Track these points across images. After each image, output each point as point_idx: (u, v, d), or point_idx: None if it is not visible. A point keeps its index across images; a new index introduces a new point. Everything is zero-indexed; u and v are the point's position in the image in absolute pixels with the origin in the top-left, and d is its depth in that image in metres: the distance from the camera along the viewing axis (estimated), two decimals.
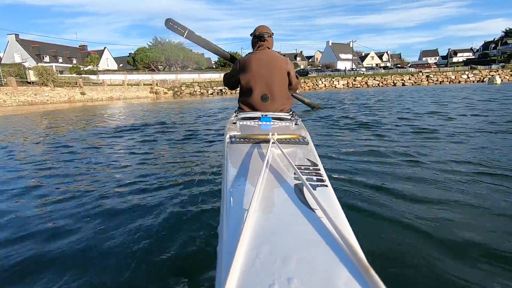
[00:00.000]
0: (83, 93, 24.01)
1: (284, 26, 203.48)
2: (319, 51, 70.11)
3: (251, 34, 2.20)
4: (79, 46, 52.57)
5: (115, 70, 41.81)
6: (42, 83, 21.56)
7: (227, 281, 0.37)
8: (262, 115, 1.81)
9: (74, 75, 29.68)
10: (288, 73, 2.07)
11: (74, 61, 45.77)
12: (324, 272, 0.41)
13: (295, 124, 1.66)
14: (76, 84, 24.46)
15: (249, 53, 2.18)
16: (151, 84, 31.72)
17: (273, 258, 0.44)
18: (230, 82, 2.24)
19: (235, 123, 1.67)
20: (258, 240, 0.49)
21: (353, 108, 7.00)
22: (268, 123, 1.69)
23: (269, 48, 2.13)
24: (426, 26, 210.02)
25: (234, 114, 1.89)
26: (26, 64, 26.67)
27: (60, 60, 44.47)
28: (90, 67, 41.84)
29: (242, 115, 1.86)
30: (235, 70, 2.15)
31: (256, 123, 1.69)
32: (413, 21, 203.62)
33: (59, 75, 25.74)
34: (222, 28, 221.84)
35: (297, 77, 2.23)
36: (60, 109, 12.98)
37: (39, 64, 26.33)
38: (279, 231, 0.53)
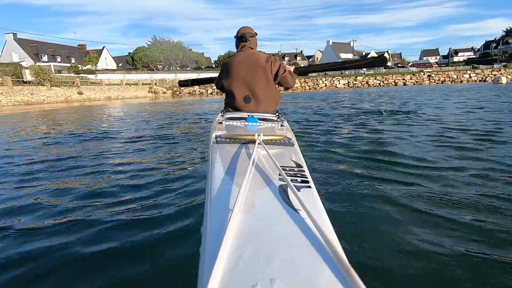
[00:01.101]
0: (80, 93, 23.69)
1: (283, 26, 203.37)
2: (320, 51, 69.79)
3: (234, 37, 2.18)
4: (78, 45, 52.23)
5: (114, 70, 41.48)
6: (39, 83, 21.22)
7: (209, 282, 0.37)
8: (248, 115, 1.79)
9: (72, 74, 29.34)
10: (272, 71, 2.03)
11: (73, 61, 45.43)
12: (306, 272, 0.42)
13: (281, 125, 1.66)
14: (74, 83, 24.12)
15: (231, 55, 2.18)
16: (150, 84, 31.39)
17: (256, 259, 0.44)
18: (219, 85, 2.23)
19: (221, 123, 1.66)
20: (242, 241, 0.49)
21: (351, 108, 6.74)
22: (254, 123, 1.68)
23: (252, 48, 2.11)
24: (425, 26, 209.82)
25: (220, 114, 1.88)
26: (23, 64, 26.35)
27: (59, 60, 44.12)
28: (88, 66, 41.49)
29: (228, 115, 1.84)
30: (219, 74, 2.16)
31: (242, 123, 1.68)
32: (412, 21, 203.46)
33: (56, 74, 25.40)
34: (221, 28, 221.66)
35: (289, 72, 2.16)
36: (51, 110, 12.67)
37: (37, 64, 25.98)
38: (263, 232, 0.53)
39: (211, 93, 31.28)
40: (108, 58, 52.64)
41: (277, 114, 1.93)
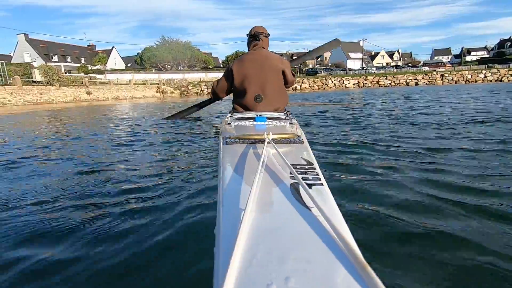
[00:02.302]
0: (89, 93, 23.75)
1: (291, 26, 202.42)
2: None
3: (247, 35, 2.16)
4: (88, 45, 52.80)
5: (122, 70, 41.73)
6: (48, 83, 21.32)
7: (225, 282, 0.37)
8: (257, 115, 1.78)
9: (81, 74, 29.52)
10: (283, 72, 2.02)
11: (83, 61, 45.91)
12: (321, 270, 0.42)
13: (290, 123, 1.65)
14: (82, 83, 24.21)
15: (242, 54, 2.15)
16: (158, 84, 31.38)
17: (270, 258, 0.44)
18: (224, 85, 2.19)
19: (229, 123, 1.65)
20: (255, 240, 0.49)
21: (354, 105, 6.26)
22: (263, 123, 1.67)
23: (264, 48, 2.09)
24: (436, 25, 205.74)
25: (229, 115, 1.86)
26: (35, 64, 26.60)
27: (69, 60, 44.70)
28: (98, 66, 41.84)
29: (237, 115, 1.82)
30: (228, 73, 2.09)
31: (251, 123, 1.67)
32: (423, 20, 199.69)
33: (66, 74, 25.56)
34: (229, 28, 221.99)
35: (293, 75, 2.18)
36: (54, 110, 12.60)
37: (47, 64, 26.18)
38: (276, 231, 0.53)
39: None
40: (117, 58, 53.11)
41: (286, 112, 1.91)
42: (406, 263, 0.96)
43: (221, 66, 51.51)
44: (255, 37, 2.08)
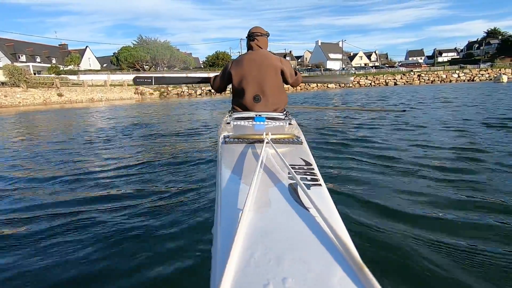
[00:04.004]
0: (60, 95, 22.26)
1: (271, 27, 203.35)
2: (308, 51, 69.72)
3: (246, 37, 2.18)
4: (59, 45, 49.96)
5: (97, 70, 39.76)
6: (13, 84, 19.74)
7: (222, 282, 0.37)
8: (256, 115, 1.78)
9: (52, 75, 27.71)
10: (282, 72, 2.01)
11: (54, 61, 43.30)
12: (318, 271, 0.41)
13: (289, 124, 1.65)
14: (53, 85, 22.65)
15: (241, 54, 2.17)
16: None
17: (268, 258, 0.44)
18: (219, 83, 2.18)
19: (228, 123, 1.66)
20: (253, 240, 0.48)
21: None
22: (262, 123, 1.66)
23: (262, 48, 2.08)
24: (409, 27, 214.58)
25: (228, 114, 1.86)
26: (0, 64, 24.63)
27: (38, 60, 41.97)
28: (70, 67, 39.61)
29: (236, 115, 1.83)
30: (226, 72, 2.07)
31: (250, 123, 1.66)
32: (397, 22, 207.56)
33: (34, 75, 23.85)
34: (210, 28, 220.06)
35: (296, 73, 2.17)
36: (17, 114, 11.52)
37: (13, 64, 24.30)
38: (274, 231, 0.53)
39: (200, 94, 30.29)
40: (92, 58, 50.64)
41: (285, 112, 1.93)
42: (404, 265, 0.95)
43: (202, 66, 50.52)
44: (250, 37, 2.09)
